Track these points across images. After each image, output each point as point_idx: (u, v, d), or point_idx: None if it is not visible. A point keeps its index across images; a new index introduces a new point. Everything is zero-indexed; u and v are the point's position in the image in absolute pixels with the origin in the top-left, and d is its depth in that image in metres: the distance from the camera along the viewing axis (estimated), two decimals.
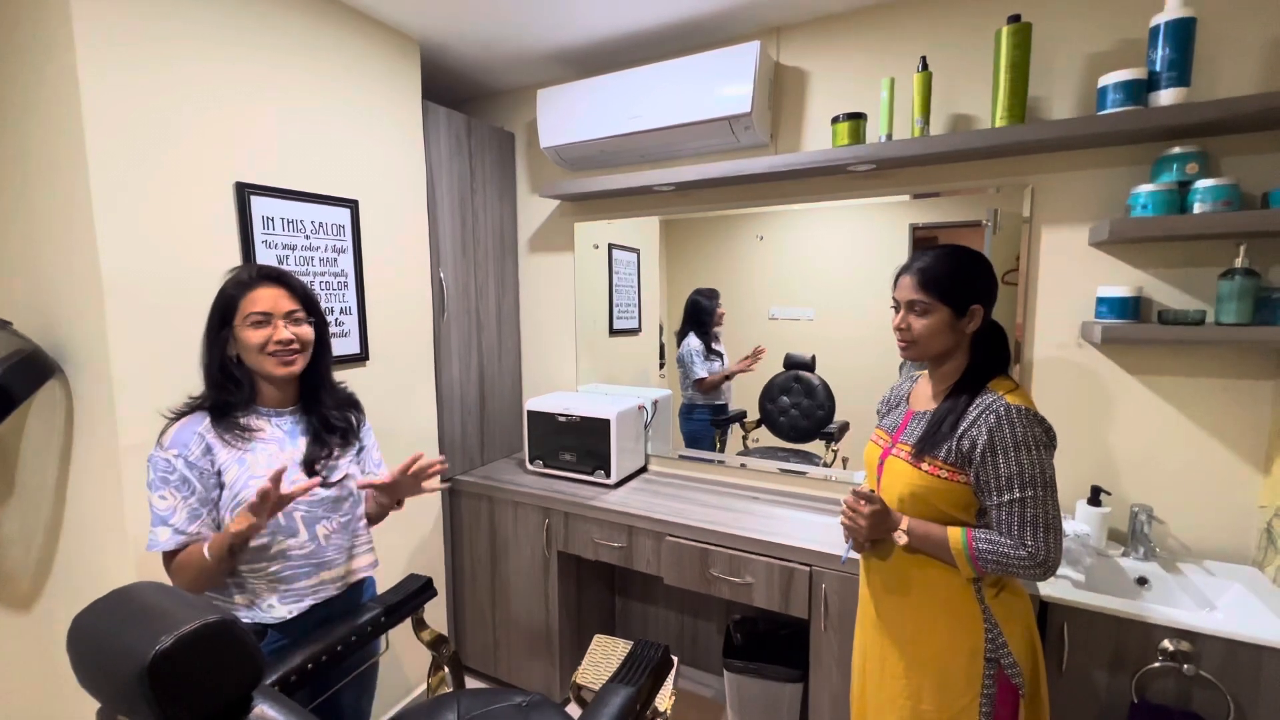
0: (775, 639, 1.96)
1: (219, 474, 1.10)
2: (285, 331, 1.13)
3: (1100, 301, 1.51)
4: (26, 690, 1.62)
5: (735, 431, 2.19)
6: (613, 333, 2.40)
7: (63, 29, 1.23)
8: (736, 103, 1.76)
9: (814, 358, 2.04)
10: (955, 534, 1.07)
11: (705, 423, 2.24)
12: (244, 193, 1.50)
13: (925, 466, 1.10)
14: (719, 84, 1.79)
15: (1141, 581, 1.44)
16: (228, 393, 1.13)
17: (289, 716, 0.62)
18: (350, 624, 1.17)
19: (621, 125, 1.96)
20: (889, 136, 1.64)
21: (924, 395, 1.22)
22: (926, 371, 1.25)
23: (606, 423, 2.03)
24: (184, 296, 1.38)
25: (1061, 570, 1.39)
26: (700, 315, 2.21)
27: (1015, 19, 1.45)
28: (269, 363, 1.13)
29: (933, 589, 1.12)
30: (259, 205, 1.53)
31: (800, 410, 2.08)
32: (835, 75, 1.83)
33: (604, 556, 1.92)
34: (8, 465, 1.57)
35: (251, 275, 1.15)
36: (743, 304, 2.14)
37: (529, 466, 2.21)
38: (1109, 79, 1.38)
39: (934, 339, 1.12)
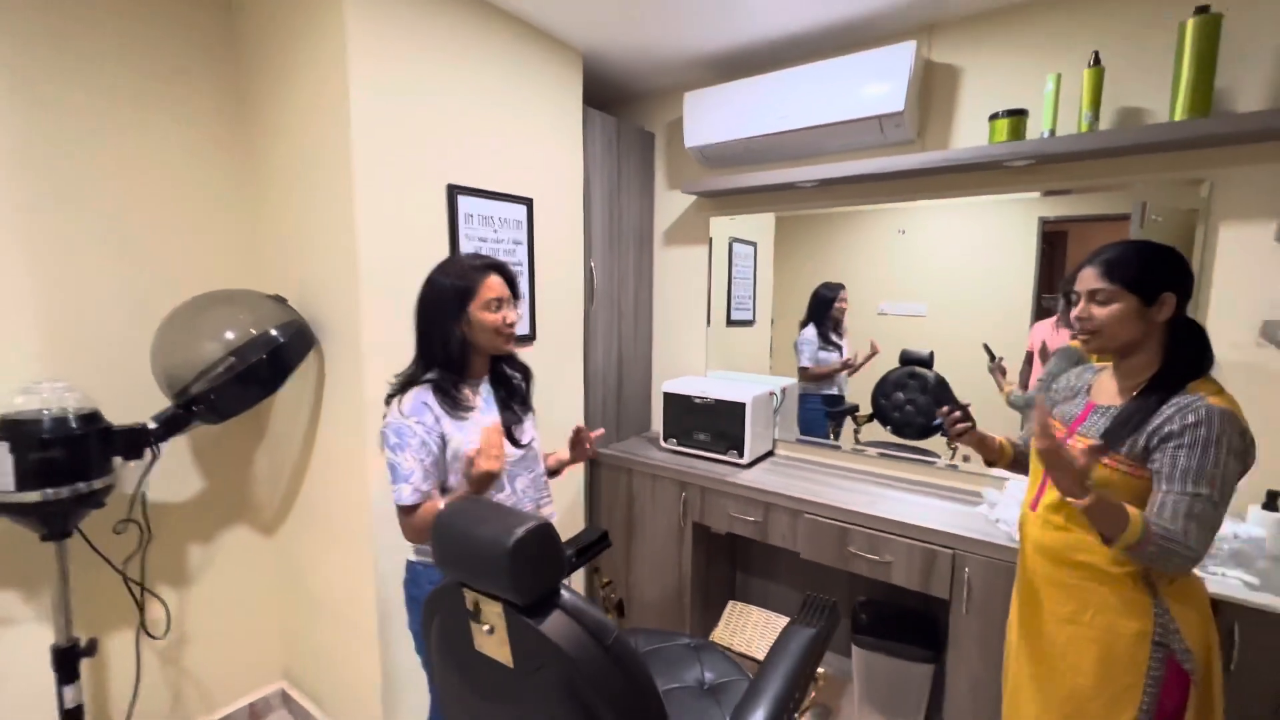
0: (901, 622, 2.02)
1: (443, 438, 1.24)
2: (514, 314, 1.31)
3: None
4: (270, 596, 2.00)
5: (848, 425, 2.25)
6: (730, 323, 2.53)
7: (338, 63, 1.51)
8: (889, 101, 1.82)
9: (932, 354, 2.06)
10: (1137, 512, 1.06)
11: (818, 411, 2.33)
12: (453, 193, 1.75)
13: (1105, 460, 1.13)
14: (871, 83, 1.86)
15: None
16: (454, 367, 1.27)
17: (588, 606, 0.81)
18: None
19: (768, 125, 2.07)
20: (1052, 132, 1.65)
21: (1108, 390, 1.22)
22: (1111, 365, 1.25)
23: (742, 406, 2.16)
24: (407, 280, 1.62)
25: (1233, 571, 1.37)
26: (820, 306, 2.29)
27: (1204, 9, 1.43)
28: (500, 340, 1.29)
29: (1098, 574, 1.15)
30: (464, 204, 1.78)
31: (916, 407, 2.10)
32: (991, 71, 1.85)
33: (738, 530, 2.05)
34: (261, 416, 1.94)
35: (484, 264, 1.29)
36: (854, 298, 2.22)
37: (663, 444, 2.39)
38: None
39: (1118, 328, 1.13)
